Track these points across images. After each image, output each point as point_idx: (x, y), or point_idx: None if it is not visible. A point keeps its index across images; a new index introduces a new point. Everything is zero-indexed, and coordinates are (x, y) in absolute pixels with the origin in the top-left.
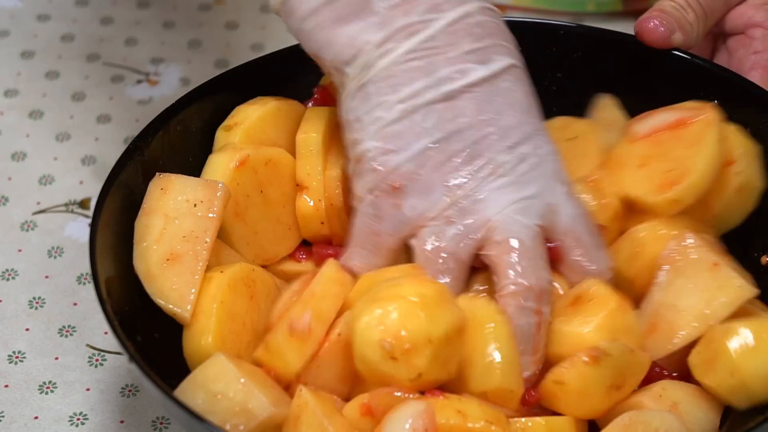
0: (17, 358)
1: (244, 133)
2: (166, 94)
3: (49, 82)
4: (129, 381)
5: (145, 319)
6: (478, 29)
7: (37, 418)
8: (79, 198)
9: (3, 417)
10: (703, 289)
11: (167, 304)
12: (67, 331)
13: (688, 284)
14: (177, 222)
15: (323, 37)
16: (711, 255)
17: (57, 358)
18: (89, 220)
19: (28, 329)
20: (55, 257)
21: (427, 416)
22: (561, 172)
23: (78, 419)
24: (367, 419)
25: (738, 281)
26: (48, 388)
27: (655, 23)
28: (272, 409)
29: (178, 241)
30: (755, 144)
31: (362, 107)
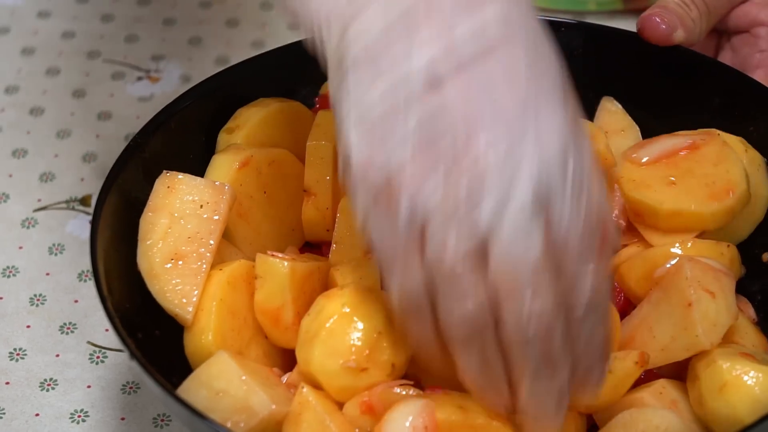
0: (18, 355)
1: (246, 136)
2: (166, 91)
3: (49, 79)
4: (130, 378)
5: (145, 316)
6: None
7: (38, 415)
8: (79, 195)
9: (4, 414)
10: (675, 323)
11: (169, 305)
12: (68, 328)
13: (667, 312)
14: (182, 222)
15: None
16: (694, 291)
17: (58, 355)
18: (90, 217)
19: (29, 326)
20: (56, 254)
21: (428, 413)
22: None
23: (79, 416)
24: (368, 417)
25: (698, 330)
26: (49, 385)
27: (657, 20)
28: (273, 406)
29: (183, 241)
30: (757, 154)
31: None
